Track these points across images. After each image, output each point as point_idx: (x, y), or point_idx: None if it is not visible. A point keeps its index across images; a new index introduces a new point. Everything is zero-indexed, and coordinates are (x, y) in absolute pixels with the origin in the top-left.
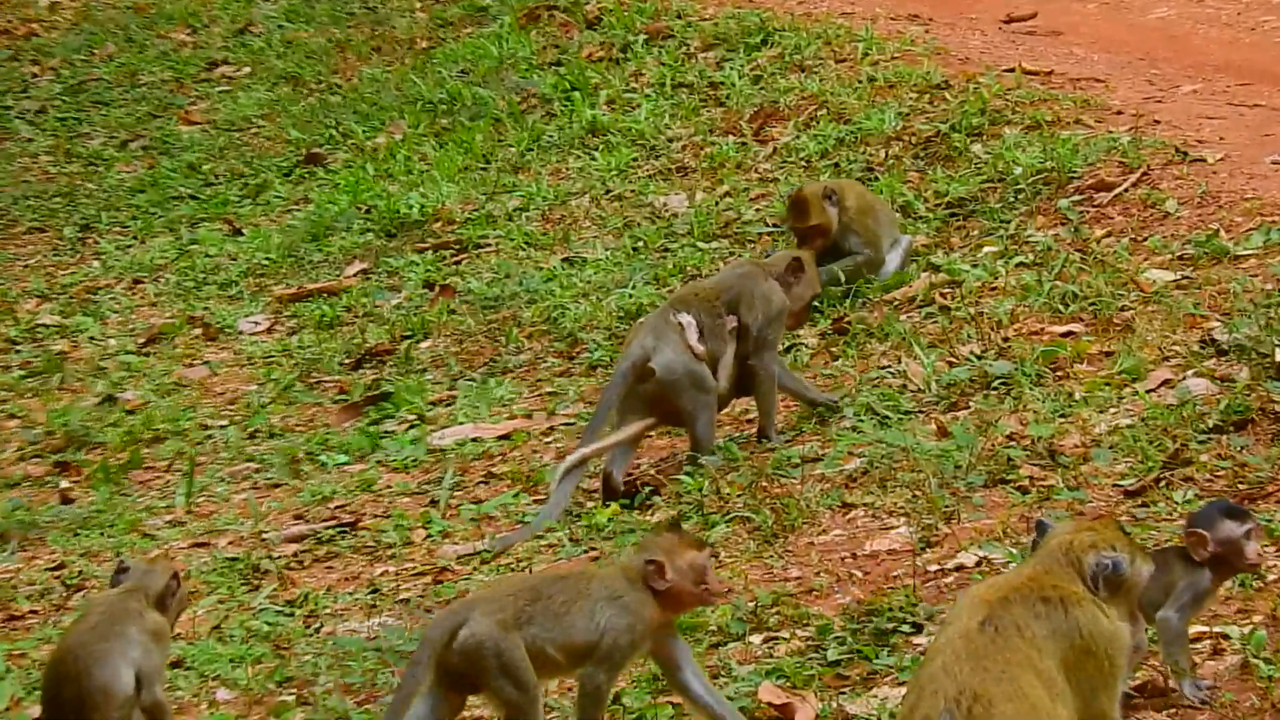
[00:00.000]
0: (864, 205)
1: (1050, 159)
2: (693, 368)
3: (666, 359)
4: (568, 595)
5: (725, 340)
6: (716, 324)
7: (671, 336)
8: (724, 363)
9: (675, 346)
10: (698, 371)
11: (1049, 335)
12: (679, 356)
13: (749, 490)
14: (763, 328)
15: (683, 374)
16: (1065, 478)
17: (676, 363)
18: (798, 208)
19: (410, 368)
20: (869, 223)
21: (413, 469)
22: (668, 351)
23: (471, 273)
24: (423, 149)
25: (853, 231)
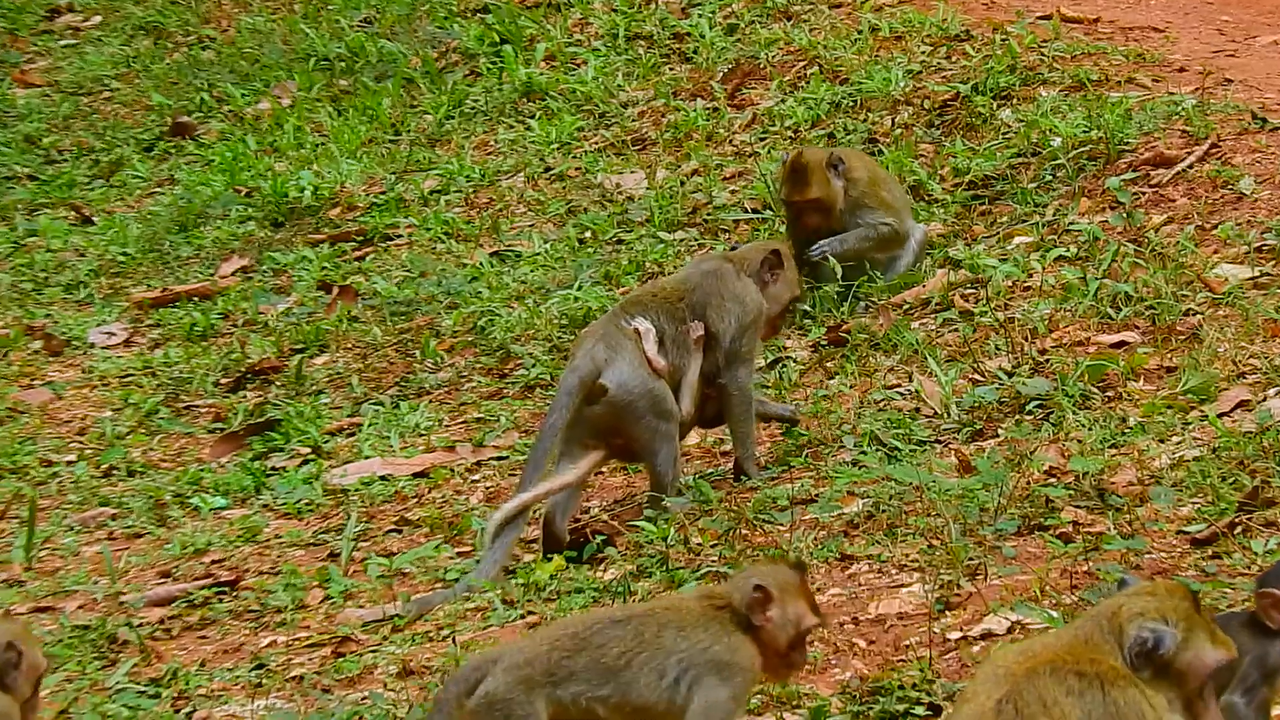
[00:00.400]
0: (876, 176)
1: (1096, 127)
2: (652, 386)
3: (621, 375)
4: (626, 645)
5: (691, 352)
6: (680, 332)
7: (627, 347)
8: (687, 381)
9: (632, 360)
10: (658, 392)
11: (1096, 346)
12: (636, 372)
13: (725, 539)
14: (736, 337)
15: (641, 395)
16: (1118, 523)
17: (633, 380)
18: (796, 175)
19: (302, 389)
20: (884, 194)
21: (307, 514)
22: (623, 366)
23: (378, 270)
24: (316, 117)
25: (865, 206)
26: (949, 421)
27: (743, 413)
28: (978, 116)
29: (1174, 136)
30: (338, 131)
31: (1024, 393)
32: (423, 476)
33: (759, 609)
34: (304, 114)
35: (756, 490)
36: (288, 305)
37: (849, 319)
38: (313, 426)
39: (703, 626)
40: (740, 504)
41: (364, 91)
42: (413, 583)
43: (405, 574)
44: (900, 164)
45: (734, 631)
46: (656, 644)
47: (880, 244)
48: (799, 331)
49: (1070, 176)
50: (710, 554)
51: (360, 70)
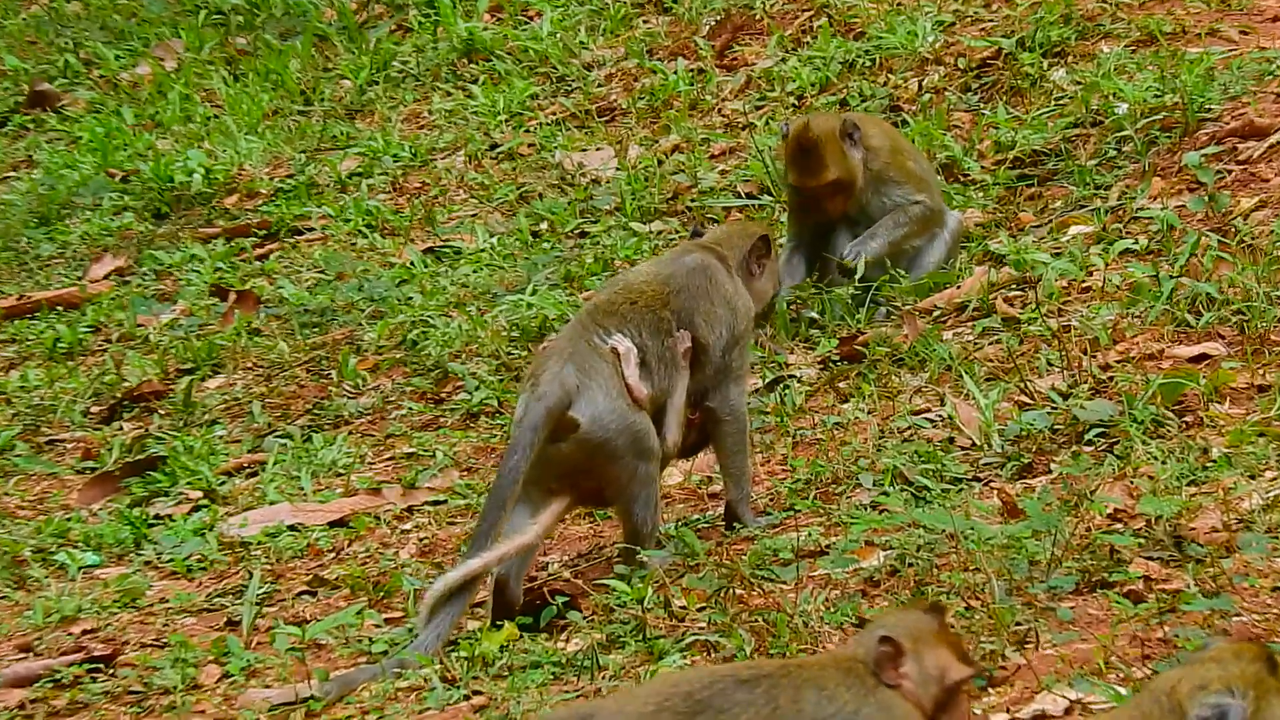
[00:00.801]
0: (898, 144)
1: (1171, 90)
2: (632, 420)
3: (596, 408)
4: (759, 712)
5: (678, 371)
6: (666, 348)
7: (603, 372)
8: (674, 407)
9: (608, 388)
10: (639, 426)
11: (1171, 361)
12: (614, 404)
13: (715, 602)
14: (728, 349)
15: (619, 431)
16: (1199, 578)
17: (610, 414)
18: (806, 154)
19: (192, 418)
20: (909, 164)
21: (199, 573)
22: (598, 396)
23: (285, 272)
24: (208, 84)
25: (889, 180)
26: (990, 454)
27: (736, 443)
28: (1024, 78)
29: (1267, 101)
30: (234, 101)
31: (1083, 418)
32: (341, 526)
33: (889, 666)
34: (192, 80)
35: (753, 540)
36: (173, 315)
37: (866, 328)
38: (205, 465)
39: (846, 685)
40: (734, 558)
41: (266, 52)
42: (331, 657)
43: (321, 646)
44: (929, 137)
45: (881, 689)
46: (795, 711)
47: (918, 227)
48: (805, 345)
49: (1139, 151)
50: (697, 619)
51: (262, 25)
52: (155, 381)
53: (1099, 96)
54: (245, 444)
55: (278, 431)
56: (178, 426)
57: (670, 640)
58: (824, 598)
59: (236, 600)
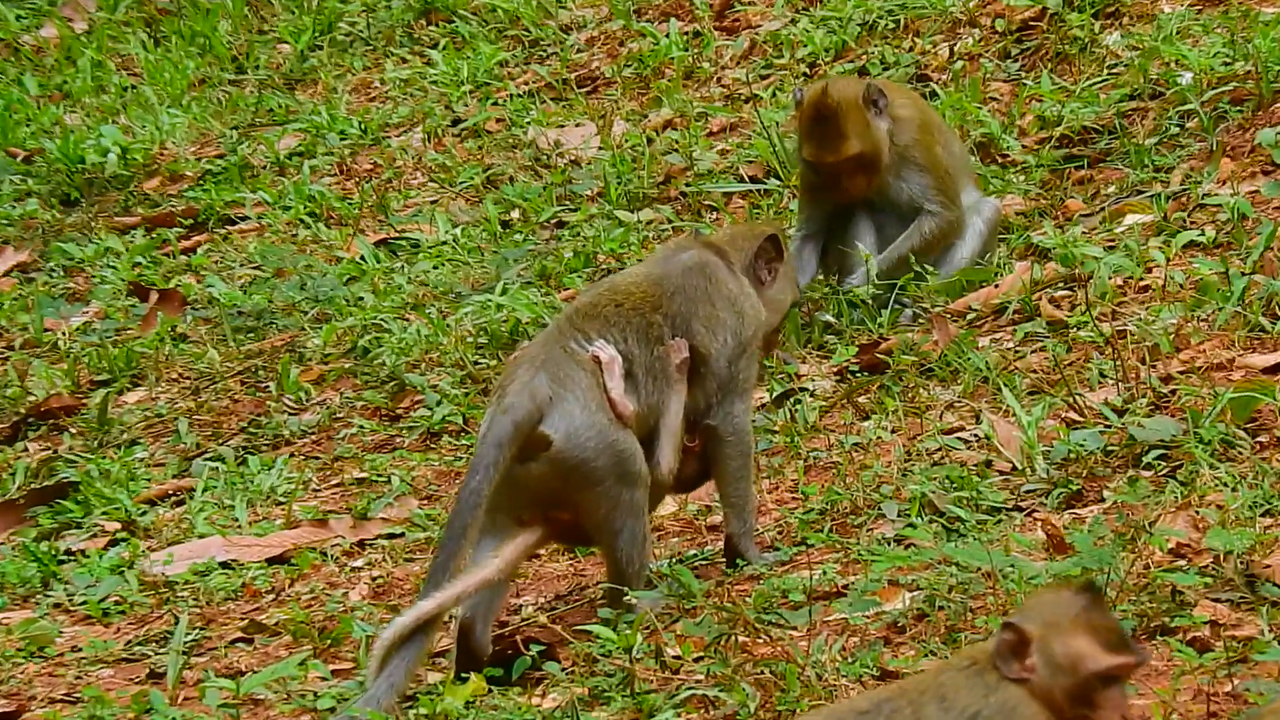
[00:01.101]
0: (928, 118)
1: (1243, 57)
2: (614, 439)
3: (572, 422)
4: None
5: (671, 385)
6: (656, 357)
7: (580, 382)
8: (667, 427)
9: (586, 400)
10: (622, 446)
11: (1243, 371)
12: (593, 419)
13: (715, 650)
14: (733, 360)
15: (598, 450)
16: (1275, 622)
17: (588, 430)
18: (824, 124)
19: (108, 438)
20: (937, 149)
21: (116, 617)
22: (573, 409)
23: (215, 268)
24: (125, 48)
25: (912, 162)
26: (1033, 480)
27: (739, 467)
28: (1073, 43)
29: None
30: (155, 69)
31: (1141, 438)
32: (281, 563)
33: (1012, 658)
34: (106, 44)
35: (759, 580)
36: (85, 318)
37: (890, 334)
38: (124, 492)
39: (967, 688)
40: (736, 600)
41: (192, 11)
42: (269, 714)
43: (258, 702)
44: (962, 111)
45: (1003, 686)
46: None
47: (932, 243)
48: (819, 353)
49: (1205, 128)
50: (694, 671)
51: None
52: (65, 395)
53: (1159, 64)
54: (170, 468)
55: (208, 453)
56: (91, 448)
57: (662, 695)
58: (840, 646)
59: (160, 649)
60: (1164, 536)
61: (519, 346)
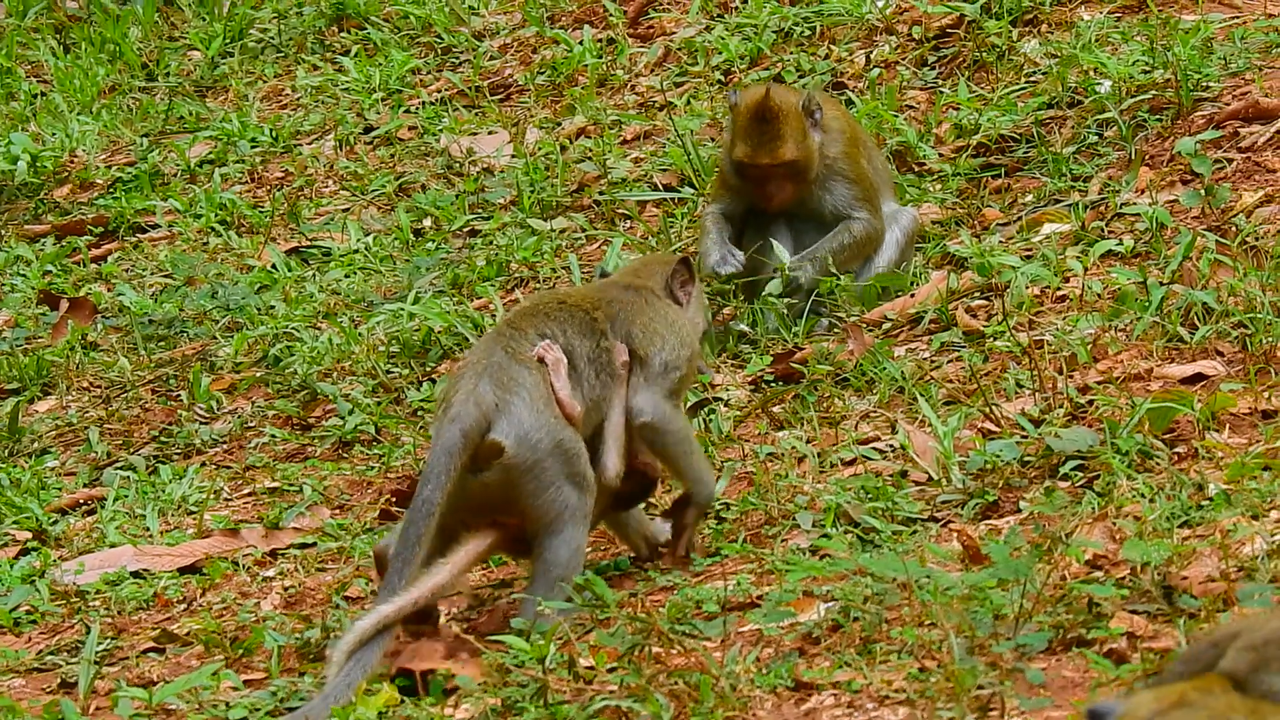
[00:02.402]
0: (854, 132)
1: (1162, 65)
2: (563, 437)
3: (522, 426)
4: None
5: (615, 383)
6: (601, 349)
7: (525, 383)
8: (613, 429)
9: (533, 401)
10: (569, 445)
11: (1162, 382)
12: (540, 419)
13: (629, 661)
14: (668, 369)
15: (549, 450)
16: (1192, 634)
17: (538, 431)
18: (764, 126)
19: (19, 447)
20: (863, 163)
21: (28, 627)
22: (522, 412)
23: (125, 276)
24: (33, 55)
25: (839, 174)
26: (949, 490)
27: (684, 447)
28: (990, 50)
29: (1275, 79)
30: (64, 76)
31: (1058, 449)
32: (193, 572)
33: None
34: (15, 50)
35: (673, 590)
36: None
37: (805, 343)
38: (34, 501)
39: None
40: (650, 610)
41: (102, 18)
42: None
43: (171, 712)
44: (879, 119)
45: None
46: None
47: (855, 250)
48: (734, 363)
49: (1124, 137)
50: (607, 682)
51: None
52: None
53: (1077, 72)
54: (81, 477)
55: (119, 462)
56: (2, 456)
57: (576, 706)
58: (755, 657)
59: (72, 659)
60: (1080, 548)
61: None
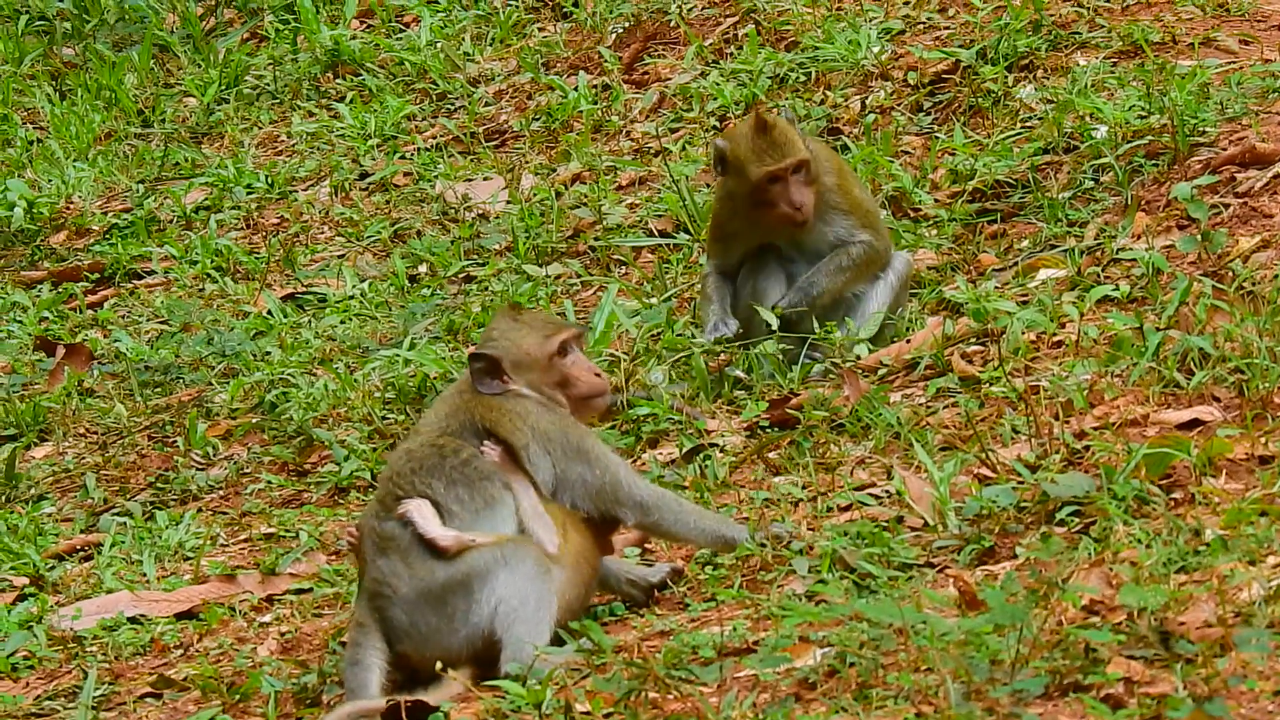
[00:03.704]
0: (842, 171)
1: (1158, 110)
2: (447, 575)
3: (404, 594)
4: None
5: (496, 479)
6: (455, 469)
7: (398, 545)
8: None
9: (412, 561)
10: (460, 574)
11: (1158, 427)
12: (416, 579)
13: (625, 706)
14: (556, 438)
15: (438, 609)
16: (1189, 679)
17: (419, 589)
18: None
19: (16, 493)
20: (857, 192)
21: (25, 672)
22: (401, 577)
23: (121, 323)
24: (30, 102)
25: (835, 207)
26: (945, 536)
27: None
28: (986, 96)
29: (1271, 124)
30: (61, 122)
31: (1054, 494)
32: (190, 618)
33: None
34: (11, 97)
35: (669, 635)
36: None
37: (800, 389)
38: (31, 547)
39: None
40: (646, 656)
41: (98, 64)
42: None
43: None
44: (874, 165)
45: None
46: None
47: (861, 270)
48: (729, 408)
49: (1120, 182)
50: None
51: (93, 34)
52: None
53: (1073, 117)
54: (78, 523)
55: (115, 509)
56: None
57: None
58: (751, 702)
59: (69, 704)
60: (1077, 593)
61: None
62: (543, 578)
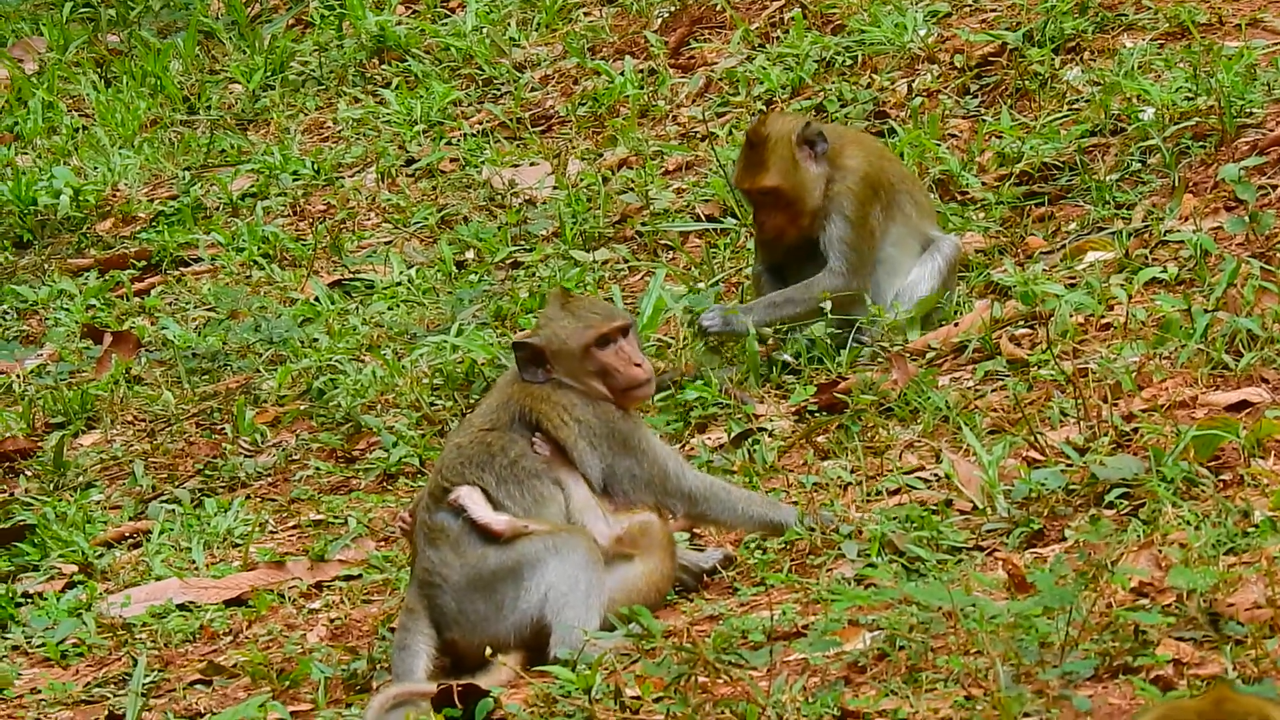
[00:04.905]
0: (875, 174)
1: (1205, 92)
2: (499, 563)
3: (454, 582)
4: None
5: (548, 474)
6: (509, 463)
7: (448, 535)
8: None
9: (463, 549)
10: (512, 560)
11: (1207, 409)
12: (471, 566)
13: (675, 690)
14: (601, 431)
15: (495, 576)
16: (1239, 660)
17: (476, 568)
18: (752, 149)
19: (64, 481)
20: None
21: (74, 659)
22: (451, 566)
23: (169, 310)
24: (76, 89)
25: (839, 211)
26: (994, 519)
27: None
28: (1033, 78)
29: None
30: (106, 110)
31: (1103, 477)
32: (239, 605)
33: None
34: (57, 85)
35: (719, 620)
36: (40, 361)
37: (849, 373)
38: (80, 535)
39: None
40: (696, 640)
41: (143, 51)
42: None
43: None
44: (922, 148)
45: None
46: None
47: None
48: (777, 393)
49: (1167, 164)
50: (654, 711)
51: (138, 21)
52: (20, 438)
53: (1120, 99)
54: (126, 510)
55: (164, 496)
56: (48, 490)
57: None
58: (801, 686)
59: (119, 691)
60: (1126, 575)
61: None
62: (594, 566)
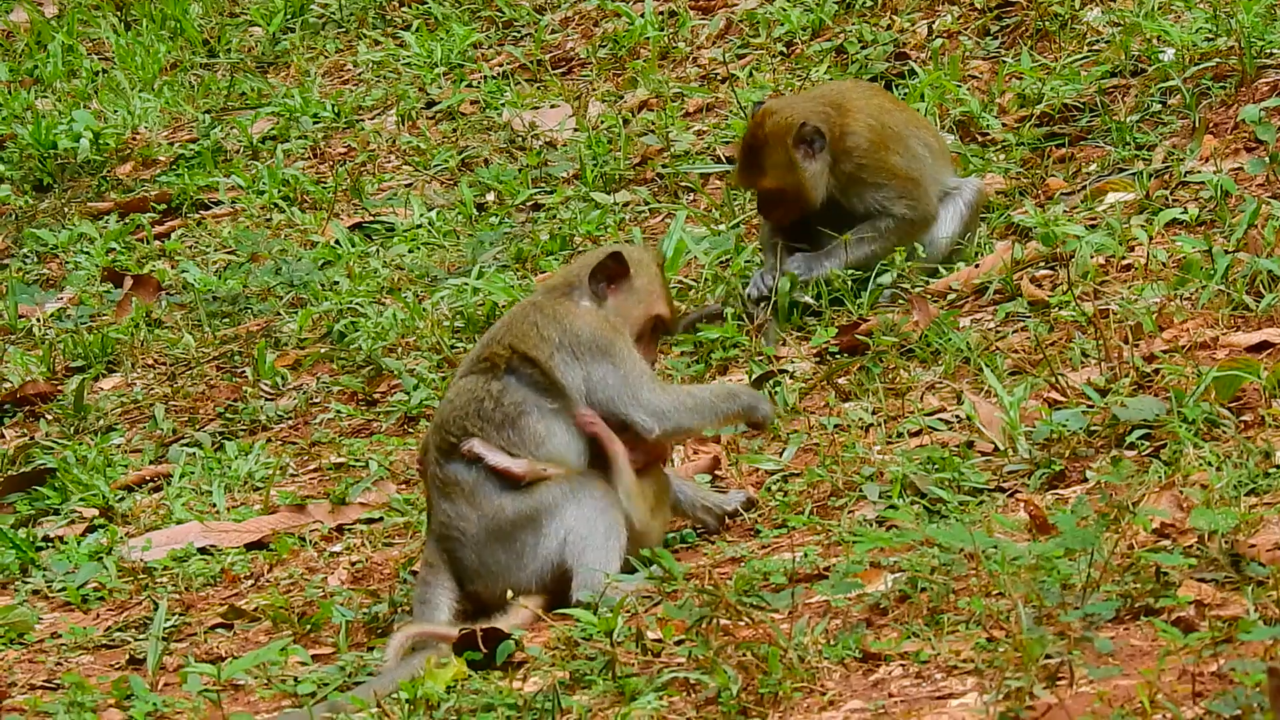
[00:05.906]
0: (880, 134)
1: (1225, 32)
2: (520, 509)
3: (473, 535)
4: None
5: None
6: (498, 413)
7: (462, 487)
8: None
9: (479, 501)
10: (532, 504)
11: (1228, 350)
12: (488, 517)
13: (696, 633)
14: (586, 339)
15: (527, 517)
16: (1260, 601)
17: (506, 509)
18: (746, 153)
19: (85, 424)
20: (894, 160)
21: (95, 604)
22: (469, 519)
23: (189, 253)
24: (95, 32)
25: (865, 182)
26: (1015, 461)
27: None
28: (1053, 19)
29: None
30: (126, 53)
31: (1124, 418)
32: (260, 548)
33: None
34: (76, 28)
35: (740, 562)
36: (60, 305)
37: (869, 314)
38: (101, 478)
39: None
40: (717, 582)
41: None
42: (250, 699)
43: (239, 687)
44: (941, 91)
45: None
46: None
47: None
48: (798, 335)
49: (1188, 105)
50: (675, 654)
51: None
52: (41, 382)
53: (1140, 40)
54: (147, 454)
55: (184, 439)
56: (68, 434)
57: (644, 679)
58: (822, 628)
59: (140, 635)
60: (1148, 517)
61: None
62: (611, 508)
